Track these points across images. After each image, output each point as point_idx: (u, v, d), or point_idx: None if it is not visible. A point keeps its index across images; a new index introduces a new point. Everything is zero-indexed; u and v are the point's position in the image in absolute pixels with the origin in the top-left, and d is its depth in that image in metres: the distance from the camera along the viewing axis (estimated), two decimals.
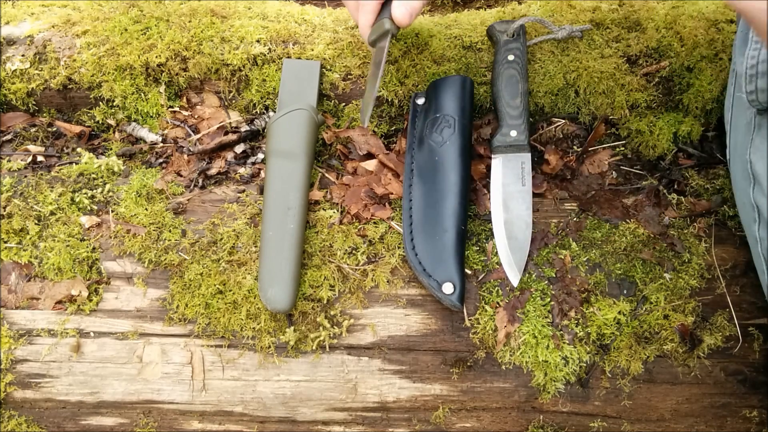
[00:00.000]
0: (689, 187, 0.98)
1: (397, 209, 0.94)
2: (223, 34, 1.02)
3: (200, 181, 0.98)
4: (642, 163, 1.02)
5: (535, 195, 0.95)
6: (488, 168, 0.97)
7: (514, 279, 0.89)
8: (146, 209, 0.93)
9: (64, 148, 1.02)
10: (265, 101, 1.02)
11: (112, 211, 0.93)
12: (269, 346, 0.87)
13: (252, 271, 0.89)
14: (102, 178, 0.97)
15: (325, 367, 0.87)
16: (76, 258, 0.90)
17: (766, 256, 0.80)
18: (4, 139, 1.03)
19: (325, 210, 0.94)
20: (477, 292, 0.89)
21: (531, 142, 0.98)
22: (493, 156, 0.95)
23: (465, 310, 0.88)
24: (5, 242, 0.90)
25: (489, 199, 0.95)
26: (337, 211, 0.94)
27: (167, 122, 1.03)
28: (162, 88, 1.02)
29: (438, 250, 0.88)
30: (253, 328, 0.87)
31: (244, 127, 1.02)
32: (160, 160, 1.01)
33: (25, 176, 0.96)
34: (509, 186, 0.93)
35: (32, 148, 1.01)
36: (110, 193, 0.95)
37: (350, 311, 0.88)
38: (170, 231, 0.92)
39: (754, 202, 0.81)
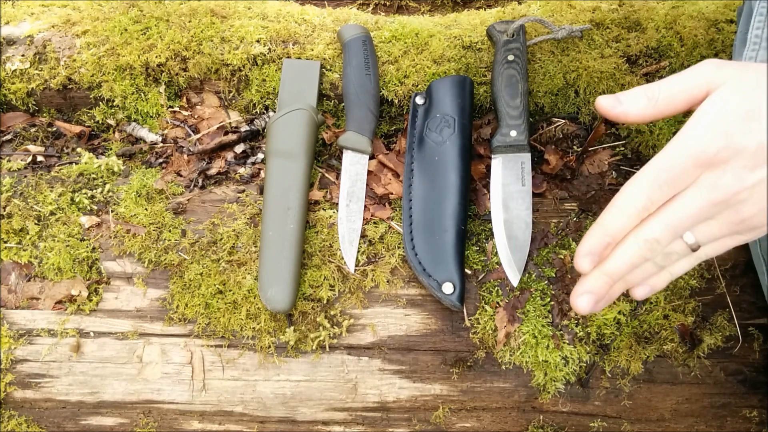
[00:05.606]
0: None
1: (397, 209, 0.94)
2: (223, 34, 1.02)
3: (200, 181, 0.98)
4: (642, 163, 1.01)
5: (535, 195, 0.95)
6: (488, 168, 0.97)
7: (514, 279, 0.89)
8: (146, 209, 0.93)
9: (64, 148, 1.02)
10: (265, 101, 1.02)
11: (112, 211, 0.93)
12: (269, 346, 0.87)
13: (252, 271, 0.89)
14: (102, 178, 0.97)
15: (325, 367, 0.87)
16: (76, 258, 0.90)
17: (766, 257, 0.80)
18: (4, 139, 1.03)
19: (325, 210, 0.94)
20: (477, 292, 0.89)
21: (531, 142, 0.98)
22: (493, 156, 0.95)
23: (465, 310, 0.88)
24: (5, 242, 0.90)
25: (489, 199, 0.95)
26: (337, 211, 0.94)
27: (167, 122, 1.03)
28: (162, 88, 1.02)
29: (438, 250, 0.88)
30: (253, 328, 0.87)
31: (244, 127, 1.02)
32: (160, 160, 1.01)
33: (25, 176, 0.96)
34: (509, 186, 0.93)
35: (32, 148, 1.01)
36: (110, 193, 0.95)
37: (350, 311, 0.88)
38: (170, 231, 0.92)
39: None
